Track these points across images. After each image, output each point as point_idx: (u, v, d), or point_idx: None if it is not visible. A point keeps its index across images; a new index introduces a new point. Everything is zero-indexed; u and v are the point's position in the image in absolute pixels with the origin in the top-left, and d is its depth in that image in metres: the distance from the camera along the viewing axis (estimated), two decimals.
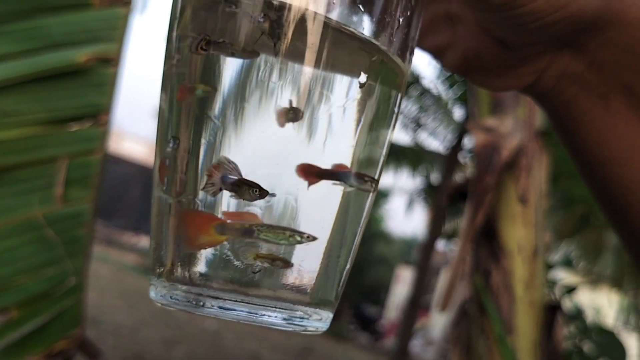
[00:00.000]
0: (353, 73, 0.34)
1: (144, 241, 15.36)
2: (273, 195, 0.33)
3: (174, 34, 0.36)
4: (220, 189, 0.33)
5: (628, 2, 0.37)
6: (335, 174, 0.34)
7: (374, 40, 0.35)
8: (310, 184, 0.33)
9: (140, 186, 16.45)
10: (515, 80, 0.42)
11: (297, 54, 0.33)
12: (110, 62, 1.10)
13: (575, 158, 0.43)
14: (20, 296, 1.08)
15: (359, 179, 0.35)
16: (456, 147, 6.82)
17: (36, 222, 1.08)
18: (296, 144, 0.33)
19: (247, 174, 0.33)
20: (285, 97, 0.33)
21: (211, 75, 0.34)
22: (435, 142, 7.75)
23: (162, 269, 0.35)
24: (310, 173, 0.33)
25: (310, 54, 0.33)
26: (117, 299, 7.75)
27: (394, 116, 0.38)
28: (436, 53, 0.45)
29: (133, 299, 7.99)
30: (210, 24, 0.34)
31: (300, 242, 0.33)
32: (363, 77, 0.35)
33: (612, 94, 0.39)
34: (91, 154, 1.11)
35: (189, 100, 0.35)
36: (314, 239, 0.34)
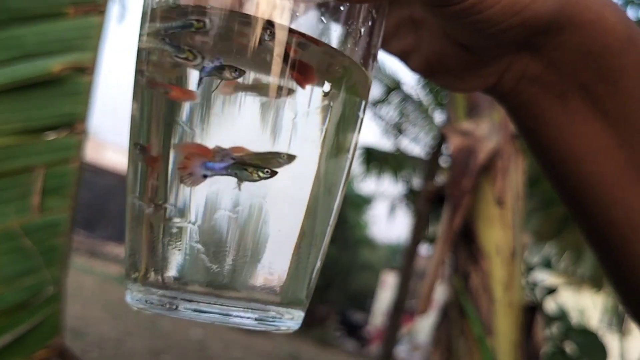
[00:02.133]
0: (318, 81, 0.35)
1: None
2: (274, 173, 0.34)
3: (143, 46, 0.37)
4: (204, 176, 0.33)
5: (582, 6, 0.38)
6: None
7: (337, 50, 0.36)
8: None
9: (123, 196, 16.32)
10: (477, 81, 0.43)
11: (262, 64, 0.33)
12: (85, 71, 1.10)
13: (536, 155, 0.45)
14: None
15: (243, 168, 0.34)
16: (437, 152, 6.85)
17: (13, 232, 1.08)
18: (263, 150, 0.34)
19: (216, 182, 0.34)
20: (250, 104, 0.34)
21: (180, 84, 0.35)
22: (416, 147, 7.78)
23: (137, 274, 0.36)
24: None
25: (275, 65, 0.33)
26: (101, 311, 7.69)
27: (359, 121, 0.39)
28: (402, 56, 0.46)
29: (117, 310, 7.93)
30: (178, 37, 0.35)
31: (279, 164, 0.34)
32: (327, 86, 0.36)
33: (569, 93, 0.40)
34: (68, 162, 1.11)
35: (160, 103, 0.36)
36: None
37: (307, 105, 0.35)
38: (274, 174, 0.34)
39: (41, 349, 1.14)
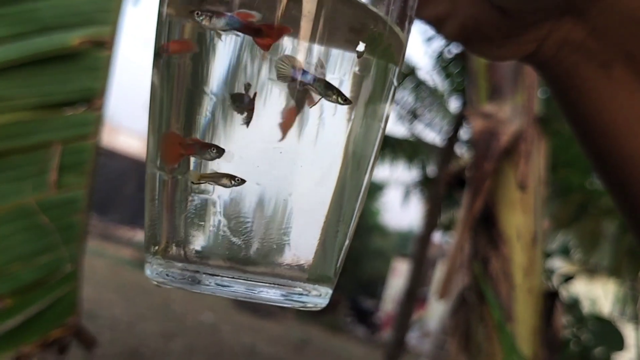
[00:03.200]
0: (351, 42, 0.33)
1: (139, 235, 15.35)
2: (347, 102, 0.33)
3: (164, 9, 0.35)
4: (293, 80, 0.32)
5: None
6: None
7: (372, 8, 0.34)
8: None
9: (135, 181, 16.43)
10: (515, 49, 0.41)
11: (292, 23, 0.31)
12: (104, 45, 1.08)
13: (575, 128, 0.42)
14: (15, 284, 1.07)
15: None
16: (452, 139, 6.82)
17: (30, 209, 1.07)
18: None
19: (242, 149, 0.32)
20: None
21: (203, 48, 0.33)
22: (431, 133, 7.75)
23: (157, 247, 0.35)
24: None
25: (306, 23, 0.32)
26: (114, 293, 7.75)
27: (393, 88, 0.37)
28: (435, 23, 0.44)
29: (129, 293, 7.99)
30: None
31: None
32: (361, 47, 0.34)
33: (614, 62, 0.38)
34: (85, 139, 1.09)
35: (181, 72, 0.34)
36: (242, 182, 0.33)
37: (342, 68, 0.33)
38: (348, 103, 0.33)
39: (57, 328, 1.13)
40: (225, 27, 0.31)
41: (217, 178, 0.32)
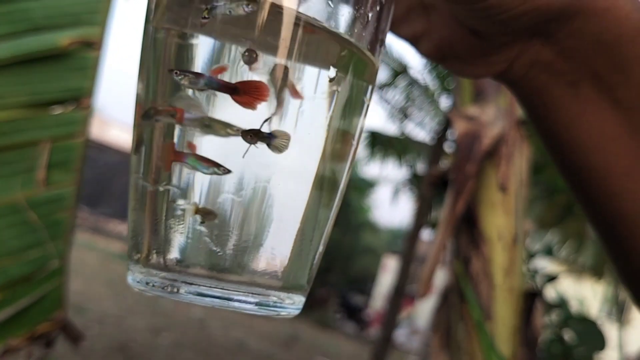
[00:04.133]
0: (323, 67, 0.35)
1: None
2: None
3: (150, 25, 0.37)
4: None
5: None
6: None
7: (343, 35, 0.36)
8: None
9: (126, 174, 16.33)
10: (487, 68, 0.43)
11: (268, 48, 0.33)
12: (92, 46, 1.10)
13: (546, 144, 0.44)
14: (2, 279, 1.09)
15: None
16: (442, 137, 6.83)
17: (18, 205, 1.09)
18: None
19: (220, 156, 0.33)
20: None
21: (185, 63, 0.35)
22: (421, 132, 7.77)
23: (139, 255, 0.36)
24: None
25: (281, 49, 0.33)
26: (103, 287, 7.74)
27: (365, 107, 0.39)
28: (412, 41, 0.46)
29: (119, 287, 7.98)
30: (185, 16, 0.34)
31: (216, 174, 0.34)
32: (333, 72, 0.35)
33: (582, 81, 0.40)
34: (73, 137, 1.12)
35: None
36: (228, 171, 0.34)
37: (314, 90, 0.35)
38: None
39: (44, 322, 1.15)
40: (204, 87, 0.33)
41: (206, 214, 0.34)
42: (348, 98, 0.37)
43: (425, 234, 7.64)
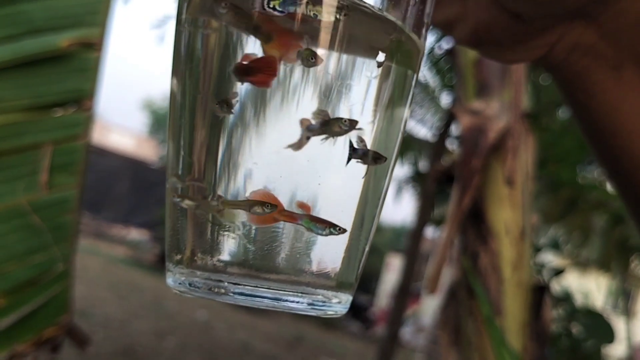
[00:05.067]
0: (371, 53, 0.34)
1: (133, 234, 15.32)
2: (360, 129, 0.33)
3: (183, 17, 0.35)
4: (308, 138, 0.32)
5: None
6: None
7: (390, 17, 0.35)
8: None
9: (128, 179, 16.39)
10: (527, 52, 0.42)
11: (312, 34, 0.32)
12: (92, 47, 1.09)
13: (585, 130, 0.43)
14: (8, 284, 1.08)
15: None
16: (444, 134, 6.82)
17: (22, 209, 1.08)
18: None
19: (267, 160, 0.32)
20: (300, 80, 0.32)
21: (227, 57, 0.33)
22: (423, 129, 7.76)
23: (181, 256, 0.35)
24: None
25: (325, 34, 0.32)
26: (107, 292, 7.74)
27: (411, 94, 0.38)
28: (446, 27, 0.44)
29: (123, 291, 7.98)
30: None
31: (332, 234, 0.33)
32: (381, 57, 0.34)
33: (625, 65, 0.38)
34: (76, 139, 1.10)
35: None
36: (344, 231, 0.34)
37: (359, 76, 0.34)
38: (354, 124, 0.33)
39: (50, 327, 1.14)
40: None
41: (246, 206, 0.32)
42: (395, 85, 0.36)
43: (429, 232, 7.63)
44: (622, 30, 0.38)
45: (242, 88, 0.33)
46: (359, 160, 0.33)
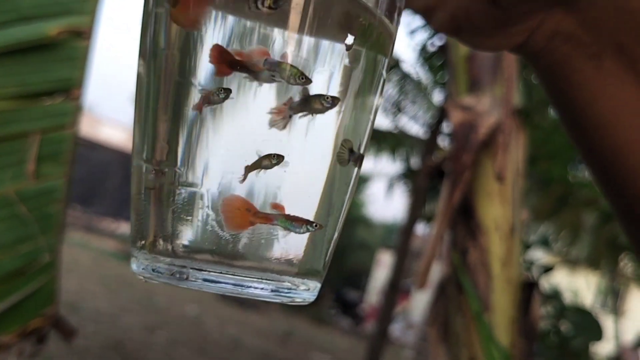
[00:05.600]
0: (340, 35, 0.33)
1: (123, 227, 15.28)
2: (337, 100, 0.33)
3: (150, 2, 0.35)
4: (290, 116, 0.32)
5: None
6: (246, 65, 0.32)
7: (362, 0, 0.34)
8: (220, 73, 0.32)
9: (119, 172, 16.35)
10: (506, 39, 0.41)
11: (280, 15, 0.31)
12: (81, 35, 1.08)
13: (565, 119, 0.42)
14: None
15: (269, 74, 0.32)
16: (435, 131, 6.83)
17: (8, 199, 1.07)
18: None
19: (230, 143, 0.32)
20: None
21: (191, 42, 0.33)
22: (415, 126, 7.76)
23: (144, 241, 0.34)
24: (223, 61, 0.32)
25: (295, 15, 0.31)
26: (97, 285, 7.72)
27: (382, 80, 0.37)
28: (425, 13, 0.43)
29: (113, 285, 7.96)
30: None
31: (309, 231, 0.33)
32: (350, 39, 0.33)
33: (605, 53, 0.38)
34: (64, 128, 1.09)
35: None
36: (321, 227, 0.34)
37: (328, 59, 0.33)
38: (335, 102, 0.33)
39: (36, 318, 1.13)
40: None
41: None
42: (365, 70, 0.35)
43: (420, 228, 7.65)
44: (602, 19, 0.37)
45: (208, 71, 0.32)
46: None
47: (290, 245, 0.34)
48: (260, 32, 0.32)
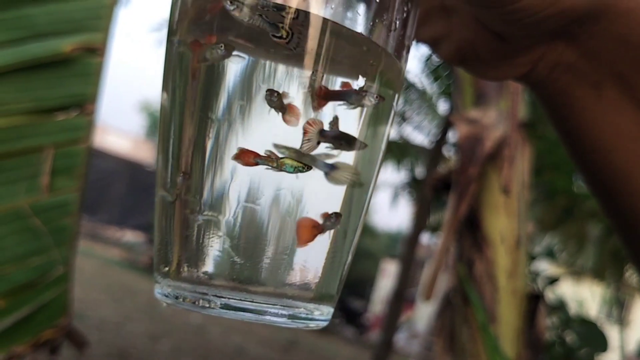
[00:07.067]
0: (352, 76, 0.34)
1: (128, 236, 15.29)
2: (365, 146, 0.35)
3: (175, 38, 0.36)
4: (318, 143, 0.33)
5: None
6: (340, 93, 0.34)
7: (371, 41, 0.35)
8: (319, 106, 0.33)
9: (124, 181, 16.38)
10: (510, 70, 0.43)
11: (296, 58, 0.32)
12: (95, 52, 1.10)
13: (567, 145, 0.44)
14: (7, 286, 1.09)
15: (358, 95, 0.34)
16: (440, 141, 6.83)
17: (22, 212, 1.08)
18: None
19: (247, 170, 0.33)
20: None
21: (214, 79, 0.34)
22: (420, 136, 7.76)
23: (168, 268, 0.35)
24: (319, 96, 0.33)
25: (309, 60, 0.32)
26: (102, 294, 7.72)
27: (392, 115, 0.38)
28: (431, 44, 0.45)
29: (118, 294, 7.97)
30: (209, 27, 0.34)
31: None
32: (361, 81, 0.35)
33: (605, 82, 0.40)
34: (77, 143, 1.11)
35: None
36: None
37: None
38: (363, 146, 0.35)
39: (49, 329, 1.14)
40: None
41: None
42: (378, 107, 0.36)
43: (425, 238, 7.64)
44: (602, 50, 0.39)
45: (224, 99, 0.33)
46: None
47: (308, 271, 0.35)
48: (277, 71, 0.33)
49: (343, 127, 0.34)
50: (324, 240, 0.35)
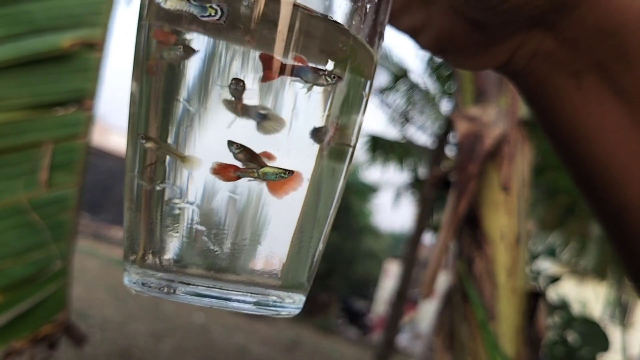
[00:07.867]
0: (321, 61, 0.34)
1: None
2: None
3: (143, 22, 0.36)
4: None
5: None
6: (294, 68, 0.33)
7: (342, 26, 0.35)
8: (266, 78, 0.33)
9: None
10: (488, 59, 0.43)
11: (264, 42, 0.32)
12: (94, 47, 1.11)
13: (548, 135, 0.44)
14: (5, 281, 1.09)
15: (315, 74, 0.34)
16: (443, 141, 6.84)
17: (21, 207, 1.09)
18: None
19: (218, 155, 0.33)
20: (249, 81, 0.33)
21: (178, 64, 0.34)
22: (423, 136, 7.77)
23: (135, 256, 0.35)
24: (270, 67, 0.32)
25: (278, 42, 0.32)
26: (105, 293, 7.73)
27: (364, 102, 0.38)
28: (411, 33, 0.45)
29: (120, 293, 7.97)
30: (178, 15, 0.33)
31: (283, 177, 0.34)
32: (330, 65, 0.34)
33: (584, 72, 0.39)
34: (76, 138, 1.12)
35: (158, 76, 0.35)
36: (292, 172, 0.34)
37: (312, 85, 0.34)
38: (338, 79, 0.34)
39: (47, 324, 1.14)
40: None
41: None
42: (346, 93, 0.36)
43: (427, 238, 7.64)
44: (580, 38, 0.39)
45: (190, 82, 0.33)
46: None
47: (274, 258, 0.35)
48: (244, 55, 0.33)
49: (308, 112, 0.34)
50: (289, 228, 0.35)
